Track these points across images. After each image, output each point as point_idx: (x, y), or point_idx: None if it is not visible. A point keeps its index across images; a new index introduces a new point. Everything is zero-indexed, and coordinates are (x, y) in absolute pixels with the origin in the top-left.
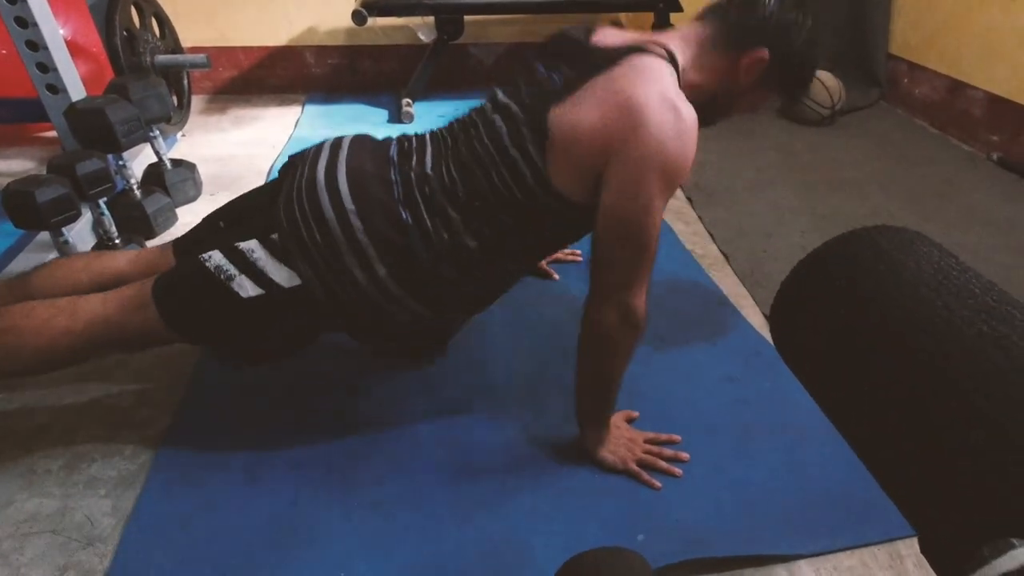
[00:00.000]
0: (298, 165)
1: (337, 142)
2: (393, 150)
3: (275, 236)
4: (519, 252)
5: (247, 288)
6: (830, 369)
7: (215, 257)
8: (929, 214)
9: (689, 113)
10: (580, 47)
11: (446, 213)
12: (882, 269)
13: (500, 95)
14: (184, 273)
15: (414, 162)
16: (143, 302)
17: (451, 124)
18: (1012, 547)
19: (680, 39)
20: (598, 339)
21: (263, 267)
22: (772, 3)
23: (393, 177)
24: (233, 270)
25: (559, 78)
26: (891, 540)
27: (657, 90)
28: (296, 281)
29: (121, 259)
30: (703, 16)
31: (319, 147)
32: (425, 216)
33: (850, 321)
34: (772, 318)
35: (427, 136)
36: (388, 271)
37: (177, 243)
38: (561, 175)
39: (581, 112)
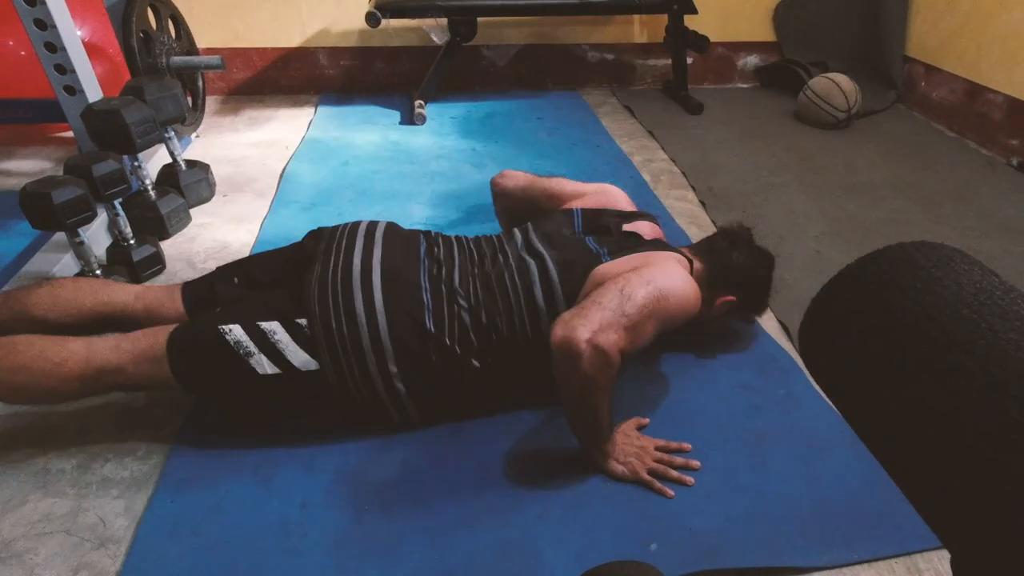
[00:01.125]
0: (326, 242)
1: (371, 232)
2: (422, 250)
3: (301, 321)
4: (514, 381)
5: (264, 366)
6: (866, 389)
7: (235, 332)
8: (946, 219)
9: (696, 287)
10: (625, 233)
11: (467, 335)
12: (920, 289)
13: (534, 239)
14: (202, 340)
15: (443, 272)
16: (156, 356)
17: (478, 239)
18: None
19: (691, 257)
20: (559, 361)
21: (283, 349)
22: (739, 257)
23: (423, 283)
24: (253, 348)
25: (606, 251)
26: (909, 553)
27: (678, 265)
28: (312, 366)
29: (128, 294)
30: (695, 253)
31: (352, 234)
32: (446, 330)
33: (887, 341)
34: (802, 335)
35: (453, 243)
36: (399, 370)
37: (187, 289)
38: None
39: (612, 266)
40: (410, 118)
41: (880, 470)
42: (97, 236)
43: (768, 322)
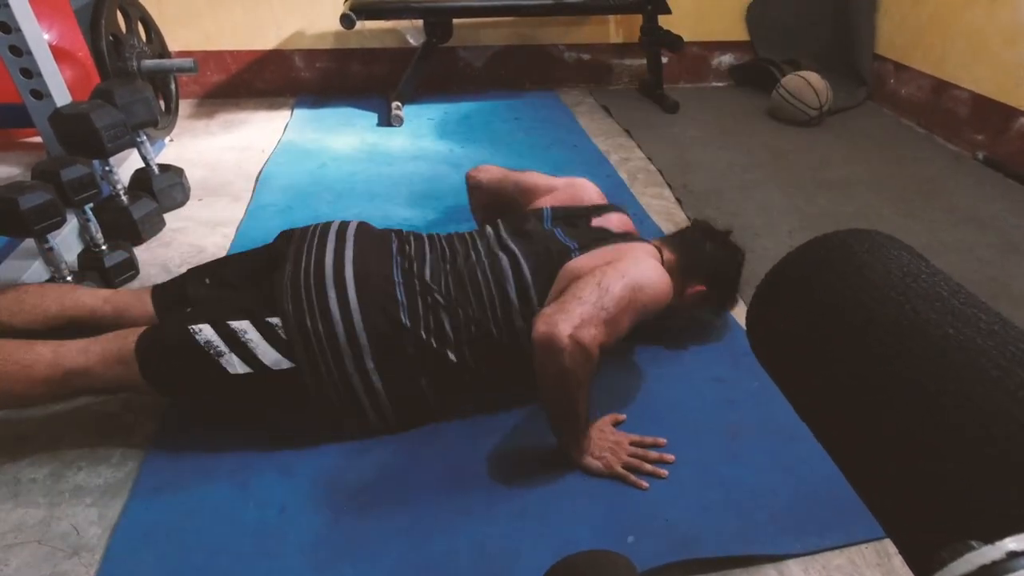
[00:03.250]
0: (297, 242)
1: (342, 231)
2: (395, 248)
3: (273, 320)
4: (490, 376)
5: (235, 366)
6: (801, 373)
7: (205, 332)
8: (915, 212)
9: (668, 277)
10: (596, 227)
11: (442, 328)
12: (851, 272)
13: (505, 235)
14: (171, 341)
15: (415, 268)
16: (125, 357)
17: (450, 236)
18: (970, 549)
19: (662, 247)
20: (540, 355)
21: (254, 348)
22: (710, 246)
23: (396, 278)
24: (223, 347)
25: (576, 245)
26: (879, 539)
27: (651, 258)
28: (284, 364)
29: (96, 297)
30: (666, 244)
31: (323, 233)
32: (422, 324)
33: (819, 324)
34: (748, 321)
35: (425, 240)
36: (376, 366)
37: (156, 291)
38: None
39: (584, 260)
40: (387, 120)
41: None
42: (68, 242)
43: (741, 316)
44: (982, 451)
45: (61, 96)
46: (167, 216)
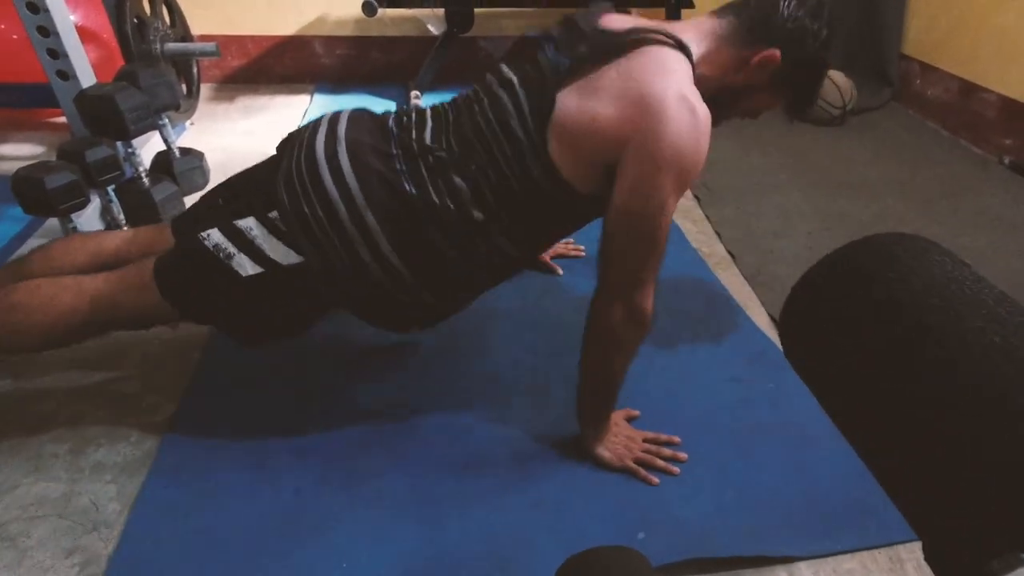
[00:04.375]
0: (295, 140)
1: (335, 117)
2: (392, 122)
3: (273, 214)
4: (522, 233)
5: (246, 267)
6: (839, 377)
7: (213, 235)
8: (939, 217)
9: (704, 113)
10: (590, 31)
11: (452, 183)
12: (893, 277)
13: (505, 69)
14: (184, 252)
15: (414, 134)
16: (144, 282)
17: (454, 99)
18: (1023, 563)
19: (694, 31)
20: (604, 335)
21: (261, 245)
22: (791, 5)
23: (393, 150)
24: (232, 248)
25: (567, 61)
26: (891, 544)
27: (675, 87)
28: (294, 259)
29: (118, 238)
30: (719, 12)
31: (317, 122)
32: (430, 187)
33: (860, 328)
34: (781, 323)
35: (427, 110)
36: (392, 246)
37: (175, 222)
38: (568, 163)
39: (596, 103)
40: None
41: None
42: (90, 222)
43: (758, 316)
44: None
45: (86, 77)
46: (187, 199)
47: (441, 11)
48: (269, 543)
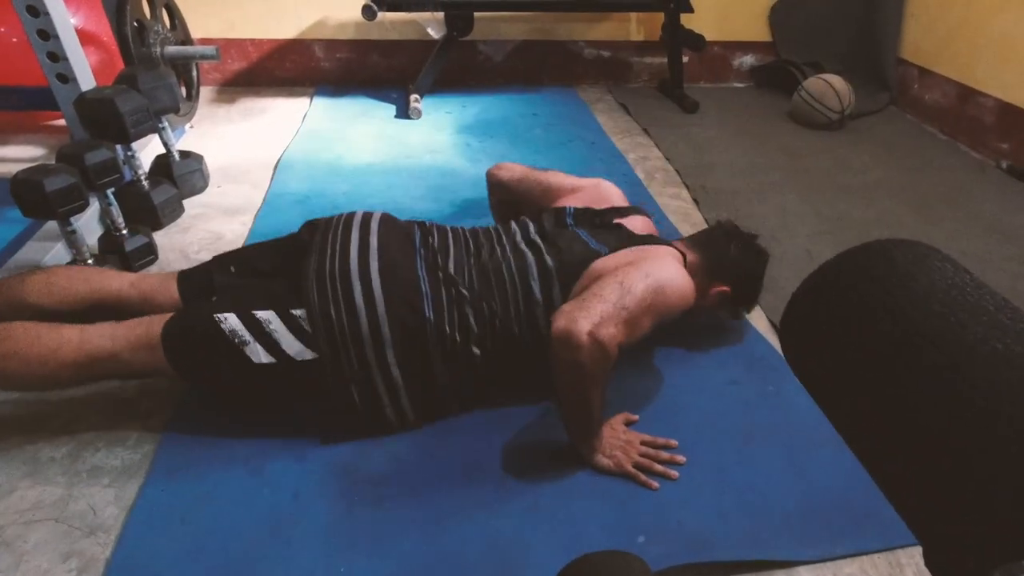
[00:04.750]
0: (322, 232)
1: (366, 222)
2: (418, 240)
3: (297, 312)
4: (509, 371)
5: (260, 355)
6: (840, 382)
7: (231, 320)
8: (936, 221)
9: (691, 280)
10: (619, 228)
11: (466, 320)
12: (894, 283)
13: (532, 232)
14: (197, 328)
15: (439, 260)
16: (151, 344)
17: (475, 230)
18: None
19: (685, 250)
20: (558, 351)
21: (278, 339)
22: (735, 251)
23: (420, 273)
24: (248, 336)
25: (603, 246)
26: (891, 549)
27: (672, 257)
28: (307, 356)
29: (121, 280)
30: (689, 246)
31: (347, 224)
32: (446, 317)
33: (861, 334)
34: (782, 329)
35: (449, 234)
36: (397, 359)
37: (182, 277)
38: None
39: (608, 261)
40: (406, 112)
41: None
42: (89, 225)
43: (758, 320)
44: None
45: (86, 80)
46: (186, 202)
47: (441, 15)
48: (267, 547)
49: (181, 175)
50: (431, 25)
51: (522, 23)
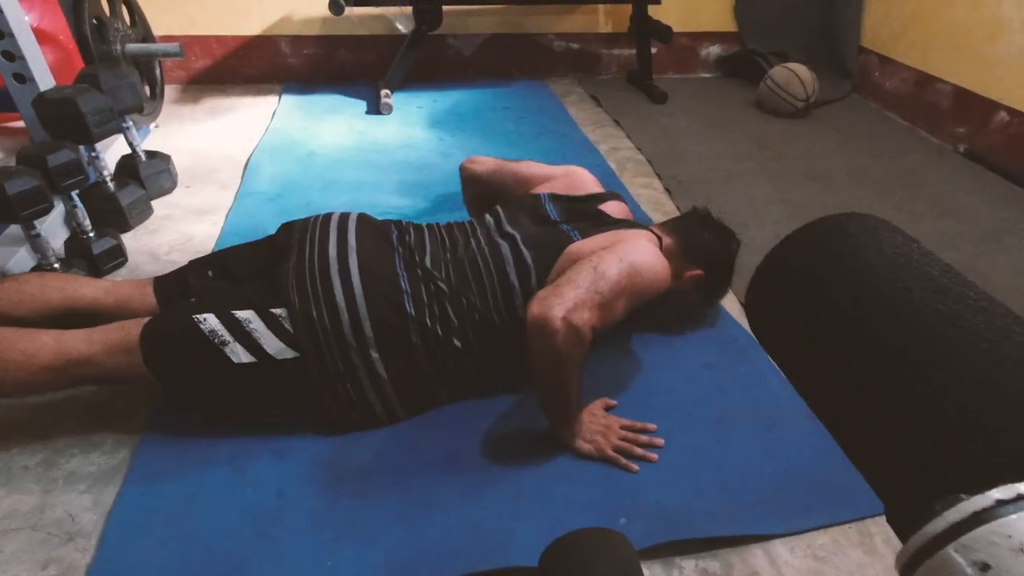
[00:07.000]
0: (299, 233)
1: (343, 222)
2: (395, 237)
3: (278, 311)
4: (489, 360)
5: (240, 355)
6: (801, 351)
7: (210, 321)
8: (899, 204)
9: (666, 262)
10: (593, 212)
11: (447, 313)
12: (846, 253)
13: (505, 222)
14: (176, 330)
15: (416, 256)
16: (129, 347)
17: (449, 226)
18: (960, 500)
19: (660, 234)
20: (533, 337)
21: (258, 338)
22: (709, 236)
23: (399, 271)
24: (228, 336)
25: (576, 231)
26: (861, 519)
27: (648, 242)
28: (288, 354)
29: (96, 287)
30: (664, 230)
31: (325, 225)
32: (427, 311)
33: (816, 303)
34: (747, 305)
35: (424, 230)
36: (381, 355)
37: (158, 283)
38: None
39: (583, 245)
40: (376, 108)
41: (834, 441)
42: (54, 229)
43: (730, 304)
44: (972, 416)
45: (44, 80)
46: (155, 203)
47: (409, 9)
48: (252, 545)
49: (148, 175)
50: (399, 20)
51: (491, 16)
